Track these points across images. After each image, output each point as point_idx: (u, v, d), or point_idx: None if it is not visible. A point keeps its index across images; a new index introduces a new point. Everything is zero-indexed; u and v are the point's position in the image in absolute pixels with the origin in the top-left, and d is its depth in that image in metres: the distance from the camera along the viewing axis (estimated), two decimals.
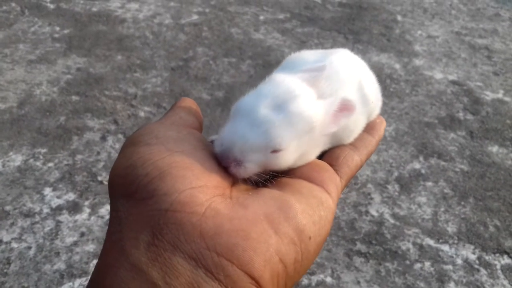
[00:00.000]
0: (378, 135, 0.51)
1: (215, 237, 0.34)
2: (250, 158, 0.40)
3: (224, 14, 2.53)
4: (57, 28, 2.25)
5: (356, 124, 0.49)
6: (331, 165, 0.45)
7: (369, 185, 1.58)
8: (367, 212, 1.49)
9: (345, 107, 0.43)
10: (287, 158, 0.41)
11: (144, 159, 0.38)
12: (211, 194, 0.36)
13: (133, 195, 0.36)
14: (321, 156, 0.47)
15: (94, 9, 2.43)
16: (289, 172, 0.43)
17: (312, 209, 0.39)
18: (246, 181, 0.42)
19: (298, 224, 0.37)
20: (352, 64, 0.52)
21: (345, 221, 1.45)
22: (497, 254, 1.40)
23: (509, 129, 1.89)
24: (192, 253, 0.33)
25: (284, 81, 0.42)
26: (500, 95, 2.10)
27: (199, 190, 0.36)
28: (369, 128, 0.52)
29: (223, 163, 0.40)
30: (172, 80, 1.98)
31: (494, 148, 1.79)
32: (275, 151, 0.40)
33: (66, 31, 2.23)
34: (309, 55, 0.53)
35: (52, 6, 2.42)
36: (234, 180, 0.41)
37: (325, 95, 0.44)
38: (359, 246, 1.38)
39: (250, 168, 0.40)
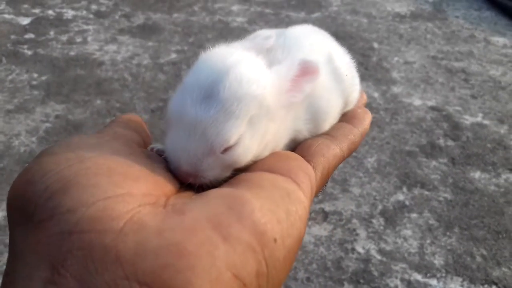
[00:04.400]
0: (361, 126, 0.44)
1: (136, 259, 0.25)
2: (203, 167, 0.33)
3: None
4: (35, 75, 2.24)
5: (329, 103, 0.41)
6: (302, 156, 0.37)
7: (354, 220, 1.58)
8: (353, 249, 1.48)
9: (306, 70, 0.36)
10: (244, 151, 0.34)
11: (45, 170, 0.29)
12: (136, 203, 0.28)
13: (31, 219, 0.28)
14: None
15: (72, 53, 2.43)
16: (250, 167, 0.36)
17: (275, 204, 0.30)
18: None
19: (256, 224, 0.28)
20: (318, 34, 0.44)
21: (331, 260, 1.44)
22: (486, 285, 1.39)
23: (490, 153, 1.91)
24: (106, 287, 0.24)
25: (208, 58, 0.34)
26: (479, 118, 2.12)
27: (118, 199, 0.27)
28: (349, 117, 0.45)
29: (181, 179, 0.33)
30: (152, 122, 1.98)
31: (476, 174, 1.80)
32: (225, 149, 0.33)
33: (44, 78, 2.23)
34: (266, 31, 0.44)
35: (29, 53, 2.42)
36: (178, 185, 0.33)
37: (277, 62, 0.37)
38: (347, 286, 1.37)
39: (210, 174, 0.34)
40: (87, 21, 2.76)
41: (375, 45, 2.68)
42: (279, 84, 0.35)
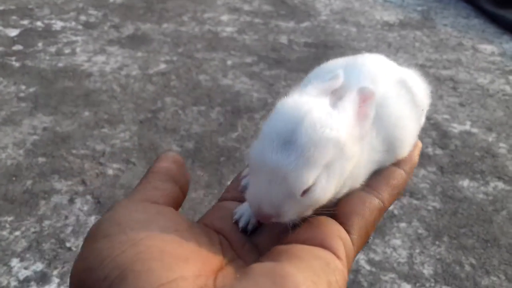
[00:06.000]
0: (407, 164, 0.42)
1: None
2: (284, 209, 0.35)
3: (192, 61, 2.54)
4: (23, 87, 2.23)
5: (405, 131, 0.40)
6: (338, 217, 0.37)
7: None
8: None
9: (364, 97, 0.37)
10: (322, 192, 0.35)
11: (102, 257, 0.31)
12: None
13: None
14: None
15: (60, 65, 2.42)
16: (285, 238, 0.36)
17: (317, 275, 0.31)
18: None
19: None
20: (386, 64, 0.43)
21: None
22: None
23: (478, 161, 1.91)
24: None
25: (284, 108, 0.36)
26: (467, 126, 2.13)
27: (172, 285, 0.29)
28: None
29: (262, 221, 0.36)
30: (140, 133, 1.97)
31: (465, 182, 1.80)
32: (304, 192, 0.35)
33: (31, 89, 2.22)
34: (334, 62, 0.45)
35: (17, 64, 2.40)
36: (222, 258, 0.35)
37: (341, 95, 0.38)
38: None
39: (290, 215, 0.35)
40: (76, 32, 2.75)
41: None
42: (347, 121, 0.36)
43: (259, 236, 0.39)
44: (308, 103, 0.35)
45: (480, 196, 1.74)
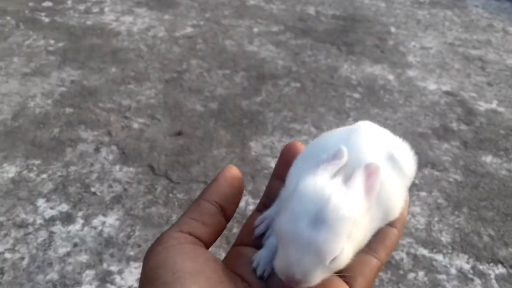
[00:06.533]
0: (401, 221, 0.47)
1: None
2: (314, 275, 0.41)
3: (218, 27, 2.55)
4: (52, 41, 2.26)
5: (397, 199, 0.47)
6: (344, 276, 0.43)
7: None
8: None
9: (370, 173, 0.43)
10: (346, 257, 0.42)
11: None
12: None
13: None
14: None
15: (89, 23, 2.44)
16: None
17: None
18: None
19: None
20: (378, 137, 0.50)
21: None
22: (492, 264, 1.39)
23: (503, 139, 1.90)
24: None
25: (308, 191, 0.43)
26: (494, 105, 2.11)
27: None
28: None
29: (290, 285, 0.41)
30: (166, 92, 1.99)
31: (488, 158, 1.79)
32: (332, 260, 0.41)
33: (60, 44, 2.24)
34: (329, 140, 0.51)
35: (47, 20, 2.43)
36: None
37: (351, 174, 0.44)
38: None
39: (318, 279, 0.41)
40: None
41: (392, 29, 2.67)
42: (359, 197, 0.42)
43: (274, 279, 0.46)
44: (328, 187, 0.42)
45: (502, 172, 1.73)
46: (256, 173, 1.62)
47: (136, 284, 1.25)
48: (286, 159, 0.48)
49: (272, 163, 1.66)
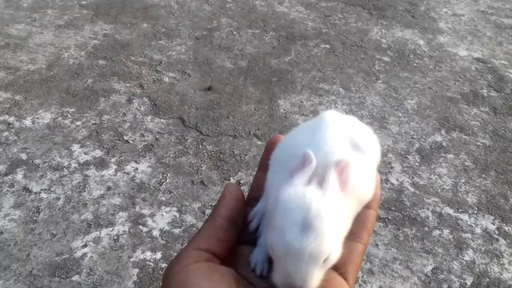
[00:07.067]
0: (375, 201, 0.50)
1: None
2: (312, 279, 0.44)
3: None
4: None
5: (368, 183, 0.50)
6: (335, 267, 0.46)
7: (390, 155, 1.59)
8: (387, 180, 1.50)
9: (340, 170, 0.45)
10: (336, 252, 0.44)
11: None
12: None
13: None
14: None
15: None
16: None
17: None
18: None
19: None
20: (339, 127, 0.52)
21: None
22: None
23: None
24: None
25: (290, 201, 0.45)
26: None
27: None
28: None
29: None
30: (196, 48, 2.00)
31: None
32: (324, 260, 0.44)
33: None
34: (295, 143, 0.53)
35: None
36: None
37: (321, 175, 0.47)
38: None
39: (316, 282, 0.44)
40: None
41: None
42: (336, 195, 0.45)
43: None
44: (307, 195, 0.44)
45: None
46: (284, 130, 1.64)
47: (167, 227, 1.29)
48: (271, 152, 0.51)
49: (300, 121, 1.68)
